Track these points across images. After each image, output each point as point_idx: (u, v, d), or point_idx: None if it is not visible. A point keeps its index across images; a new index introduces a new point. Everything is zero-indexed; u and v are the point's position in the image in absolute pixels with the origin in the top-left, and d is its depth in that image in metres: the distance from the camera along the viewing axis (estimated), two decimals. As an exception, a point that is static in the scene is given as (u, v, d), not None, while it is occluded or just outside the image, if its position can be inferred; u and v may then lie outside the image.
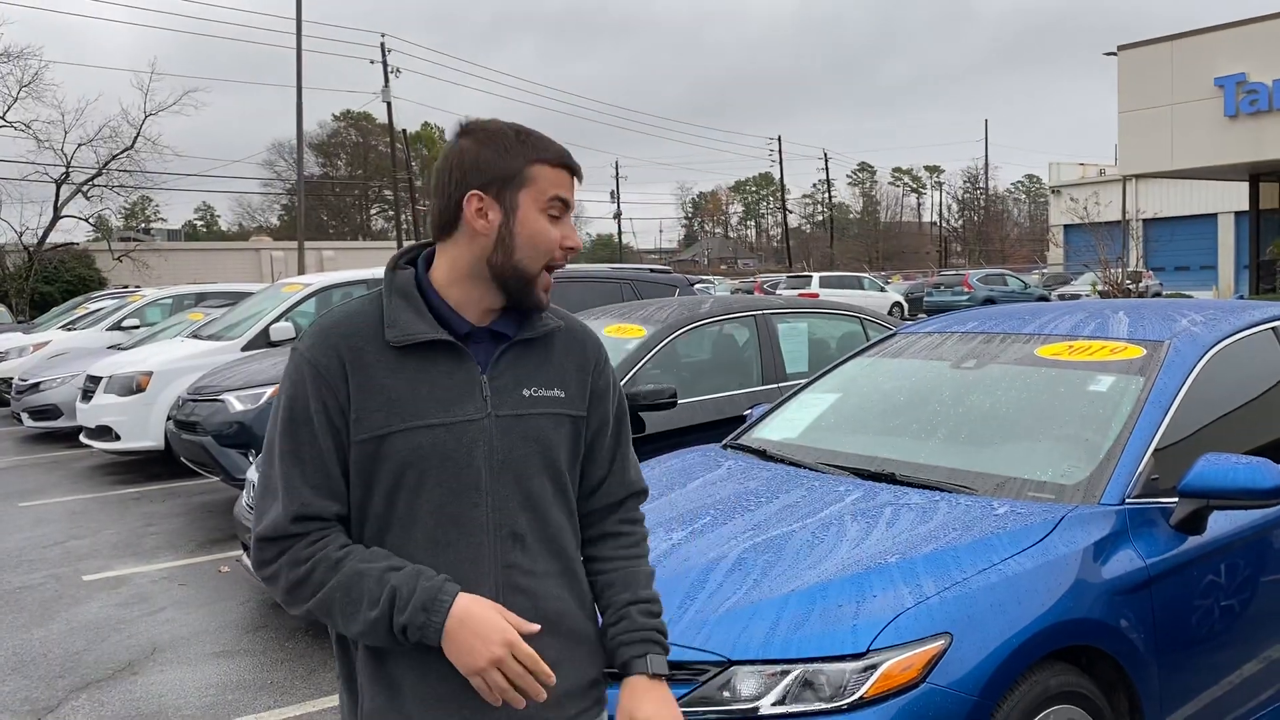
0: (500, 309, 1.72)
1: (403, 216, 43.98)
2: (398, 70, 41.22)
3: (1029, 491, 3.14)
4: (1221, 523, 3.14)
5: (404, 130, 48.63)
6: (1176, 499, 3.06)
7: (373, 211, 79.15)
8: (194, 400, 7.90)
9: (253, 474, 5.62)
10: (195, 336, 10.51)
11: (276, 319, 9.67)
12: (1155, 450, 3.16)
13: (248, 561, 5.55)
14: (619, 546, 1.86)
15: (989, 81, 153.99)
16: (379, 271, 10.55)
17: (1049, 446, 3.40)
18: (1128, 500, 3.03)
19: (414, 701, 1.63)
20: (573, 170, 1.71)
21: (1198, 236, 41.01)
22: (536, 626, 1.62)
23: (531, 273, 1.68)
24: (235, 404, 7.52)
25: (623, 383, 5.50)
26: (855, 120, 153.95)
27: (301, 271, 29.23)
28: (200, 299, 14.89)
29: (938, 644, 2.49)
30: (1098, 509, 2.98)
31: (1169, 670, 2.95)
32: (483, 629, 1.55)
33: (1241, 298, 23.42)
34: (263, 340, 9.48)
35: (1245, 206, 22.51)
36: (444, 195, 1.68)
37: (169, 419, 8.70)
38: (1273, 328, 3.85)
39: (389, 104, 40.62)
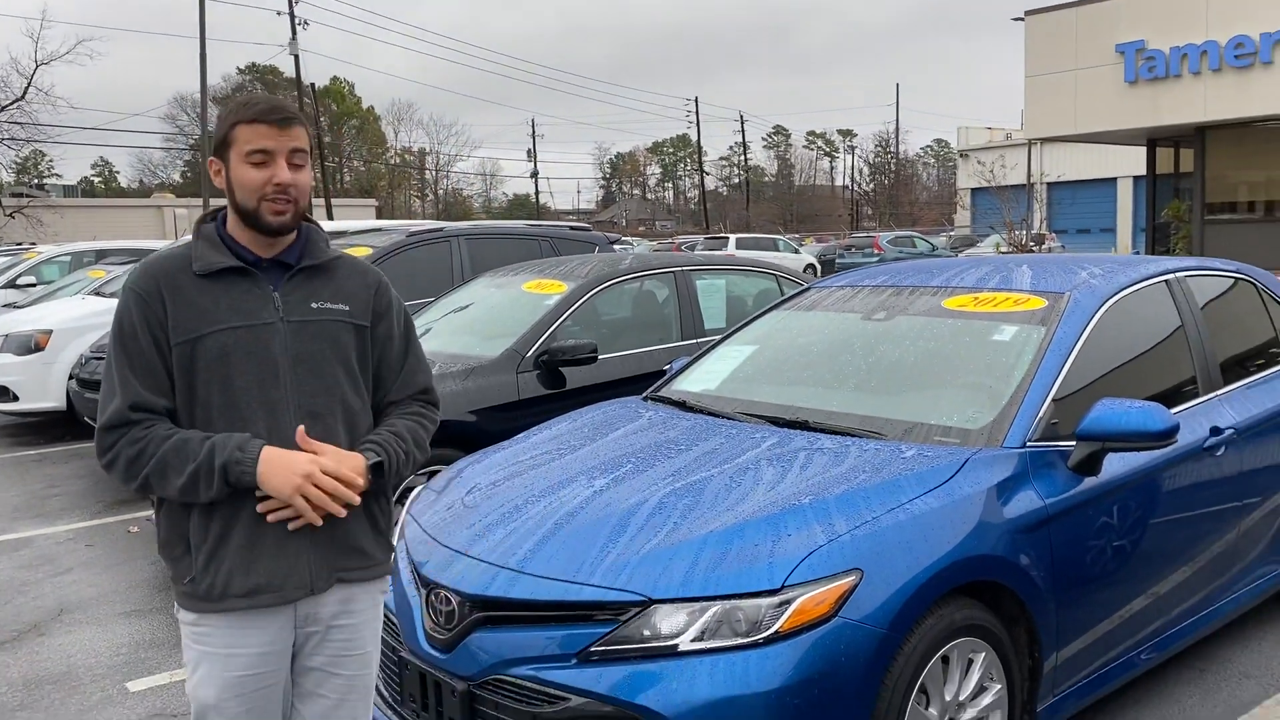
0: (284, 245, 2.18)
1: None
2: (305, 22, 40.06)
3: (936, 436, 3.26)
4: (1116, 465, 3.31)
5: (312, 85, 47.26)
6: (1075, 442, 3.21)
7: (280, 168, 76.90)
8: (98, 358, 7.67)
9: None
10: (97, 294, 10.17)
11: (183, 276, 9.39)
12: (1055, 396, 3.31)
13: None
14: (397, 414, 2.32)
15: (903, 45, 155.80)
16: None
17: (955, 393, 3.53)
18: (1029, 444, 3.17)
19: (236, 544, 2.09)
20: (272, 122, 2.09)
21: (1098, 200, 42.35)
22: (329, 447, 2.10)
23: (250, 208, 2.12)
24: (142, 362, 7.31)
25: (543, 338, 5.51)
26: (772, 81, 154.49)
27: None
28: (101, 256, 14.39)
29: (849, 580, 2.59)
30: (1000, 452, 3.11)
31: (1065, 605, 3.11)
32: (289, 460, 2.05)
33: (1138, 260, 24.24)
34: (169, 297, 9.20)
35: (1143, 171, 23.27)
36: None
37: (71, 378, 8.43)
38: (1165, 280, 4.04)
39: (297, 57, 39.41)
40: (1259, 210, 20.09)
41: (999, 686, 2.95)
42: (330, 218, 35.26)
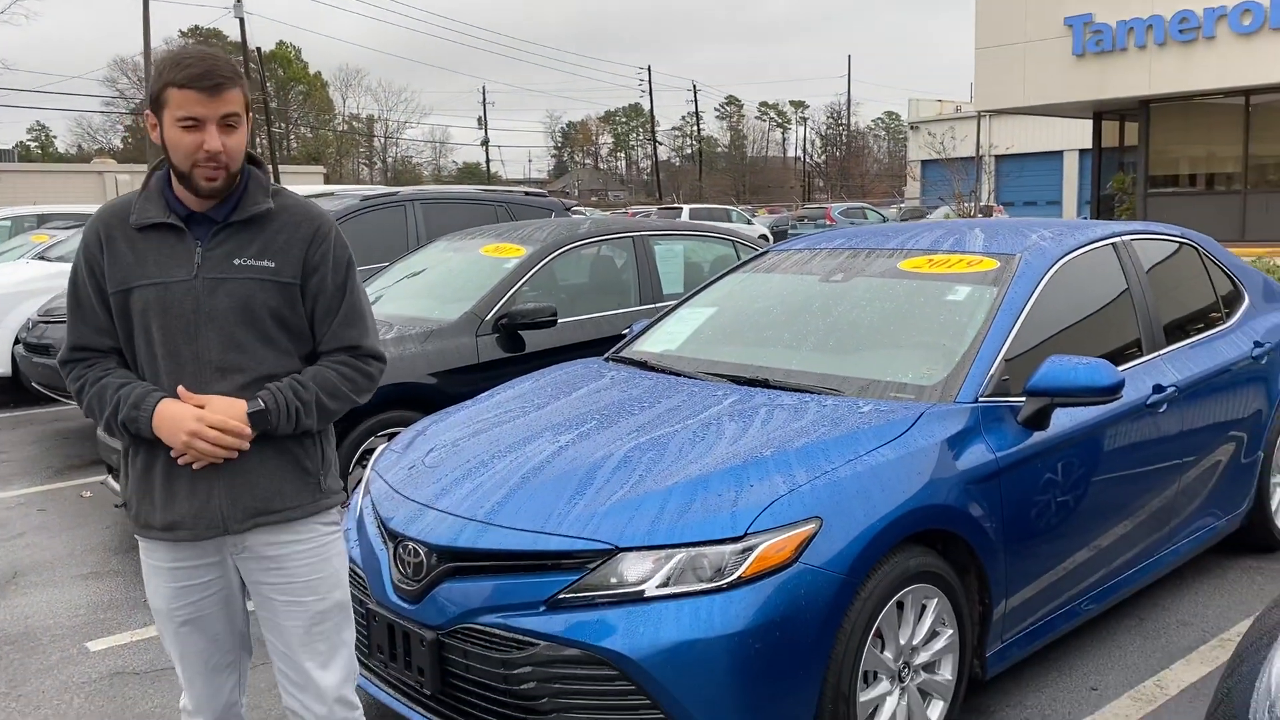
0: (215, 200, 2.20)
1: (257, 139, 42.14)
2: (251, -16, 39.11)
3: (891, 392, 3.35)
4: (1064, 420, 3.42)
5: (258, 49, 46.34)
6: (1024, 398, 3.32)
7: (225, 135, 75.27)
8: (46, 322, 7.54)
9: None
10: (42, 258, 9.97)
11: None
12: (1006, 353, 3.41)
13: (113, 484, 5.41)
14: (318, 363, 2.32)
15: (856, 17, 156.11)
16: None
17: (910, 352, 3.62)
18: (980, 399, 3.27)
19: (155, 483, 2.25)
20: (203, 89, 2.08)
21: (1045, 172, 42.98)
22: (214, 398, 2.16)
23: (183, 170, 2.15)
24: (91, 326, 7.21)
25: (502, 302, 5.52)
26: (725, 51, 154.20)
27: (151, 195, 27.62)
28: (43, 220, 14.06)
29: (809, 527, 2.68)
30: (953, 406, 3.21)
31: (1014, 554, 3.22)
32: (177, 414, 2.15)
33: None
34: (116, 262, 9.06)
35: (1089, 144, 23.66)
36: None
37: (17, 343, 8.28)
38: (1112, 243, 4.16)
39: (241, 20, 38.60)
40: (1200, 183, 20.56)
41: (950, 631, 3.06)
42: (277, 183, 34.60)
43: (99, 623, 4.35)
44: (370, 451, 4.88)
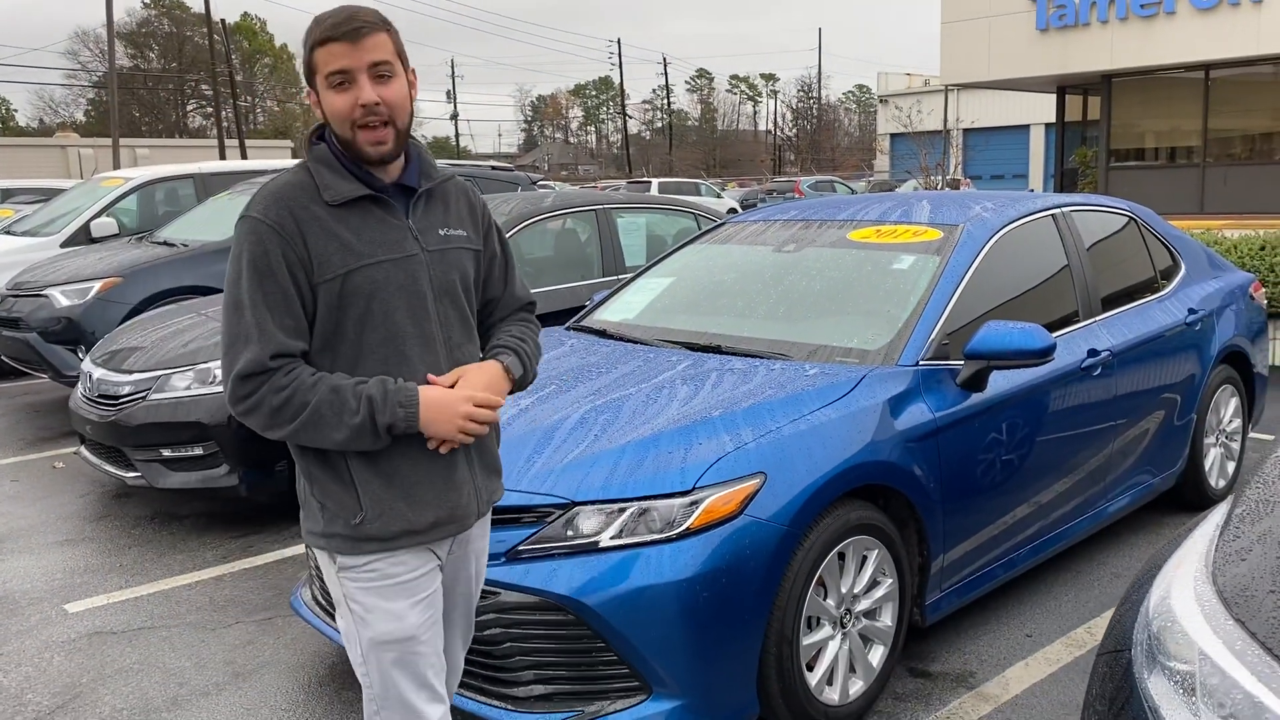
0: (401, 168, 2.04)
1: (223, 113, 41.66)
2: (214, -45, 38.53)
3: (837, 357, 3.53)
4: (1001, 382, 3.61)
5: (223, 21, 45.76)
6: (963, 361, 3.50)
7: (189, 108, 74.49)
8: (14, 295, 7.57)
9: (87, 366, 5.54)
10: (8, 233, 9.96)
11: (97, 214, 9.26)
12: (947, 319, 3.59)
13: (87, 454, 5.50)
14: (509, 323, 2.29)
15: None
16: (205, 166, 10.15)
17: (856, 318, 3.79)
18: (921, 362, 3.45)
19: (407, 481, 2.01)
20: (343, 36, 1.91)
21: (1012, 146, 43.31)
22: (466, 368, 2.06)
23: (347, 138, 1.97)
24: (61, 299, 7.25)
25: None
26: (697, 24, 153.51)
27: (117, 169, 27.41)
28: (7, 195, 13.99)
29: (754, 482, 2.85)
30: (895, 369, 3.39)
31: (952, 509, 3.41)
32: (447, 401, 1.98)
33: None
34: (83, 236, 9.09)
35: (1054, 118, 23.90)
36: None
37: (-15, 318, 8.26)
38: (1051, 215, 4.35)
39: (205, -9, 38.04)
40: (1161, 157, 20.87)
41: (891, 581, 3.25)
42: (245, 158, 34.38)
43: (76, 586, 4.47)
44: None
